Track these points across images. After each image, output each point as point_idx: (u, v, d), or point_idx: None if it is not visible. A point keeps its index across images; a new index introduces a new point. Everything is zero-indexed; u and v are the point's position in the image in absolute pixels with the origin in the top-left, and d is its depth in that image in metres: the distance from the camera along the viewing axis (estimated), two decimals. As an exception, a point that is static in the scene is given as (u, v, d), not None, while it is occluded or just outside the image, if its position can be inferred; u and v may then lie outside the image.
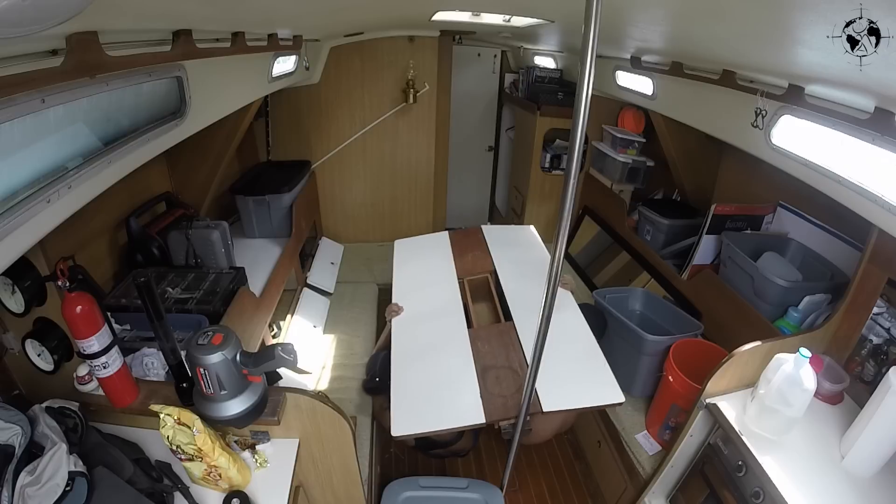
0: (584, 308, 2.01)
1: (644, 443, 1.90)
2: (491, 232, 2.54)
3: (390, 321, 1.99)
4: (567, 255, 3.15)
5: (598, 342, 1.83)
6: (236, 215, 2.57)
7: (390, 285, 2.22)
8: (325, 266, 3.08)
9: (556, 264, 1.19)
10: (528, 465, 2.43)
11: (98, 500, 1.00)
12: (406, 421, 1.56)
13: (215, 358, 1.11)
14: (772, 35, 1.03)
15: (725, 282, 2.00)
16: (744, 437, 1.36)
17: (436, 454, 2.33)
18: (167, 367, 1.33)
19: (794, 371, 1.28)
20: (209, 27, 1.27)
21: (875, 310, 1.46)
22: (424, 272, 2.30)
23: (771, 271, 1.77)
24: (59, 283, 1.08)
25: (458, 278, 2.19)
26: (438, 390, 1.66)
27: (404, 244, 2.53)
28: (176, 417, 1.13)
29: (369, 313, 2.81)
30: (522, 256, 2.35)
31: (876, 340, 1.47)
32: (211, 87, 1.39)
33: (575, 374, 1.70)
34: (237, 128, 2.08)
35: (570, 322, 1.90)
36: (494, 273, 2.21)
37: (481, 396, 1.60)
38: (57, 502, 0.93)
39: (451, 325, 1.93)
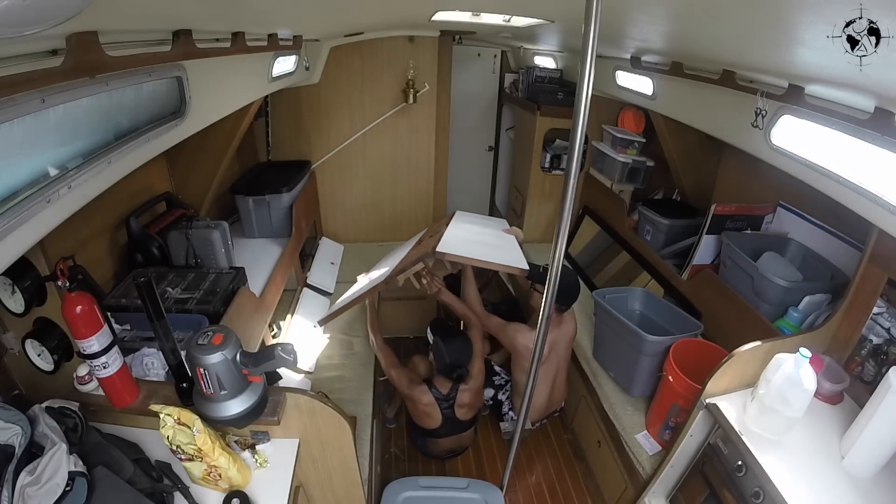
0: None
1: (644, 443, 1.90)
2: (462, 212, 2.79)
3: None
4: (567, 255, 3.15)
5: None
6: (236, 215, 2.57)
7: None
8: (325, 266, 3.08)
9: (556, 264, 1.19)
10: (528, 466, 2.43)
11: (98, 500, 1.00)
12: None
13: (215, 358, 1.11)
14: (771, 35, 1.03)
15: (725, 282, 2.00)
16: (744, 437, 1.36)
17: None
18: (167, 367, 1.33)
19: (794, 371, 1.28)
20: (209, 27, 1.27)
21: (875, 310, 1.46)
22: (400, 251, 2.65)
23: (771, 271, 1.77)
24: (59, 283, 1.08)
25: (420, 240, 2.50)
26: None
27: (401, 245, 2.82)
28: (176, 417, 1.13)
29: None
30: (482, 220, 2.64)
31: (876, 340, 1.47)
32: (211, 87, 1.38)
33: (485, 243, 2.07)
34: (237, 128, 2.08)
35: (503, 234, 2.31)
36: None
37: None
38: (57, 502, 0.93)
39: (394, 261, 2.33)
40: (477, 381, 2.13)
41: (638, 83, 2.34)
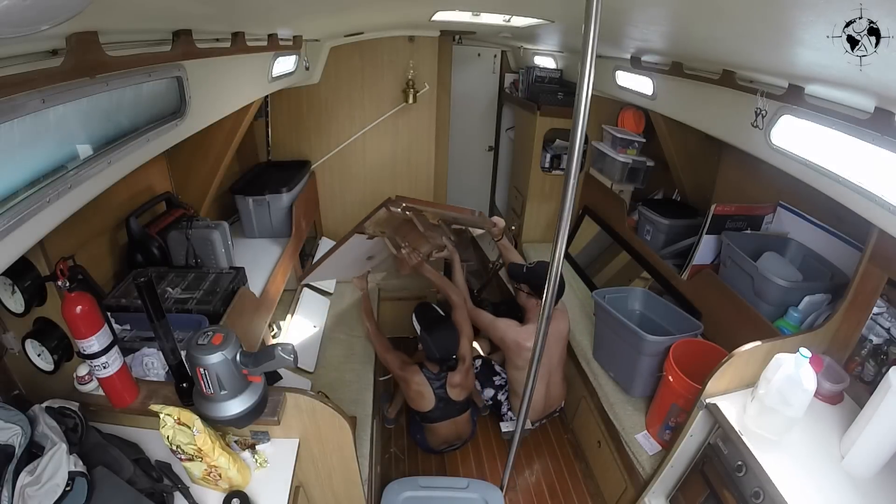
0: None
1: (644, 443, 1.90)
2: None
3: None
4: (567, 255, 3.15)
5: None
6: (236, 215, 2.57)
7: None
8: (325, 266, 3.08)
9: (556, 265, 1.19)
10: (528, 465, 2.43)
11: (98, 500, 1.00)
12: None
13: (215, 358, 1.10)
14: (771, 35, 1.03)
15: (725, 282, 2.00)
16: (744, 437, 1.36)
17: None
18: (167, 367, 1.33)
19: (794, 371, 1.28)
20: (209, 27, 1.27)
21: (875, 310, 1.46)
22: None
23: (771, 271, 1.77)
24: (59, 283, 1.08)
25: None
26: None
27: None
28: (176, 417, 1.13)
29: (369, 313, 2.81)
30: None
31: (876, 340, 1.47)
32: (211, 87, 1.38)
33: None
34: (237, 128, 2.08)
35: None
36: None
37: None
38: (57, 502, 0.93)
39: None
40: (466, 362, 2.17)
41: (638, 83, 2.33)
